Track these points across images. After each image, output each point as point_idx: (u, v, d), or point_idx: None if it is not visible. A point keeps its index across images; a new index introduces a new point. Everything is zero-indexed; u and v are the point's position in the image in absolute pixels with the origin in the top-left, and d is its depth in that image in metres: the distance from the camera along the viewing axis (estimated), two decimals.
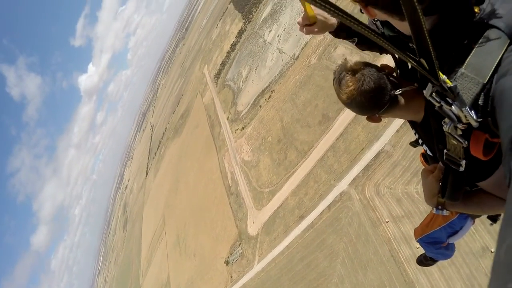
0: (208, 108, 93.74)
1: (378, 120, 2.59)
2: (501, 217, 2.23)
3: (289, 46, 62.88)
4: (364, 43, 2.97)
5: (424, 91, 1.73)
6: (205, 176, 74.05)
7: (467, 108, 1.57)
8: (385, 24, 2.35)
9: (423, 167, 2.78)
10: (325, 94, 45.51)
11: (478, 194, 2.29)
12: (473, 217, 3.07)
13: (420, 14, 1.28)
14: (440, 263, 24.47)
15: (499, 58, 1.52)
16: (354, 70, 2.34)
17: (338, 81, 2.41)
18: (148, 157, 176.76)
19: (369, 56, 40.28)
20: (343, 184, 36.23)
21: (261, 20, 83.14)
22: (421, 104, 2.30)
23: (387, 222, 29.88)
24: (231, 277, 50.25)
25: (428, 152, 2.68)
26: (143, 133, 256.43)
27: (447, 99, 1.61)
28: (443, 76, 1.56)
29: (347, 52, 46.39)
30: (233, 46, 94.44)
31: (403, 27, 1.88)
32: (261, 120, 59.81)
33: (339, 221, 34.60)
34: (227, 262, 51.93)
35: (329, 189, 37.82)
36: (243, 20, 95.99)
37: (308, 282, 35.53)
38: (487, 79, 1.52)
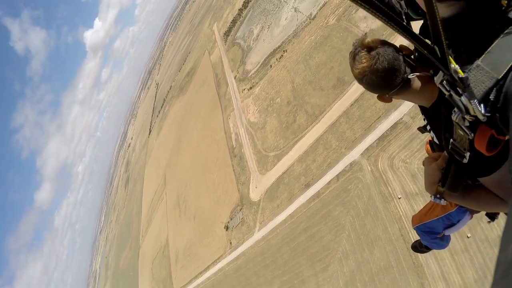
0: (216, 66, 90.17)
1: (388, 100, 2.56)
2: (501, 215, 2.63)
3: (306, 6, 58.82)
4: None
5: (435, 78, 1.74)
6: (209, 136, 71.92)
7: (475, 101, 1.58)
8: (410, 4, 2.29)
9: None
10: (342, 57, 42.46)
11: (477, 189, 2.28)
12: (472, 212, 3.00)
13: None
14: (453, 249, 22.96)
15: None
16: (370, 47, 2.30)
17: (353, 56, 2.40)
18: (152, 115, 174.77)
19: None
20: (355, 154, 34.06)
21: None
22: (434, 90, 2.28)
23: (399, 198, 28.05)
24: (230, 243, 49.10)
25: (435, 140, 2.67)
26: (147, 91, 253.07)
27: (458, 89, 1.62)
28: (455, 66, 1.57)
29: (369, 15, 42.74)
30: (245, 3, 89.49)
31: None
32: (270, 81, 56.84)
33: (348, 192, 32.66)
34: (227, 227, 50.61)
35: (339, 157, 35.64)
36: None
37: (311, 255, 34.04)
38: (502, 75, 1.51)
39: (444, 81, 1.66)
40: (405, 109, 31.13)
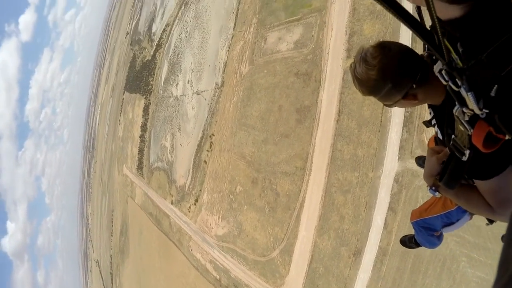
0: (145, 206, 75.98)
1: (414, 98, 2.32)
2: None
3: (206, 81, 50.69)
4: None
5: (434, 66, 1.72)
6: (179, 284, 54.81)
7: (472, 93, 1.56)
8: None
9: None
10: (283, 88, 33.21)
11: (471, 190, 2.27)
12: (471, 213, 3.00)
13: None
14: None
15: None
16: (376, 45, 2.22)
17: (363, 59, 2.22)
18: None
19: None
20: (390, 166, 22.78)
21: (162, 82, 71.54)
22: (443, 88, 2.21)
23: None
24: None
25: (439, 135, 2.63)
26: (91, 274, 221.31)
27: (456, 80, 1.60)
28: (455, 56, 1.55)
29: (281, 33, 35.53)
30: (143, 127, 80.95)
31: None
32: (215, 177, 44.78)
33: None
34: None
35: (373, 186, 23.75)
36: (144, 96, 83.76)
37: None
38: (505, 72, 1.49)
39: (443, 71, 1.61)
40: None
